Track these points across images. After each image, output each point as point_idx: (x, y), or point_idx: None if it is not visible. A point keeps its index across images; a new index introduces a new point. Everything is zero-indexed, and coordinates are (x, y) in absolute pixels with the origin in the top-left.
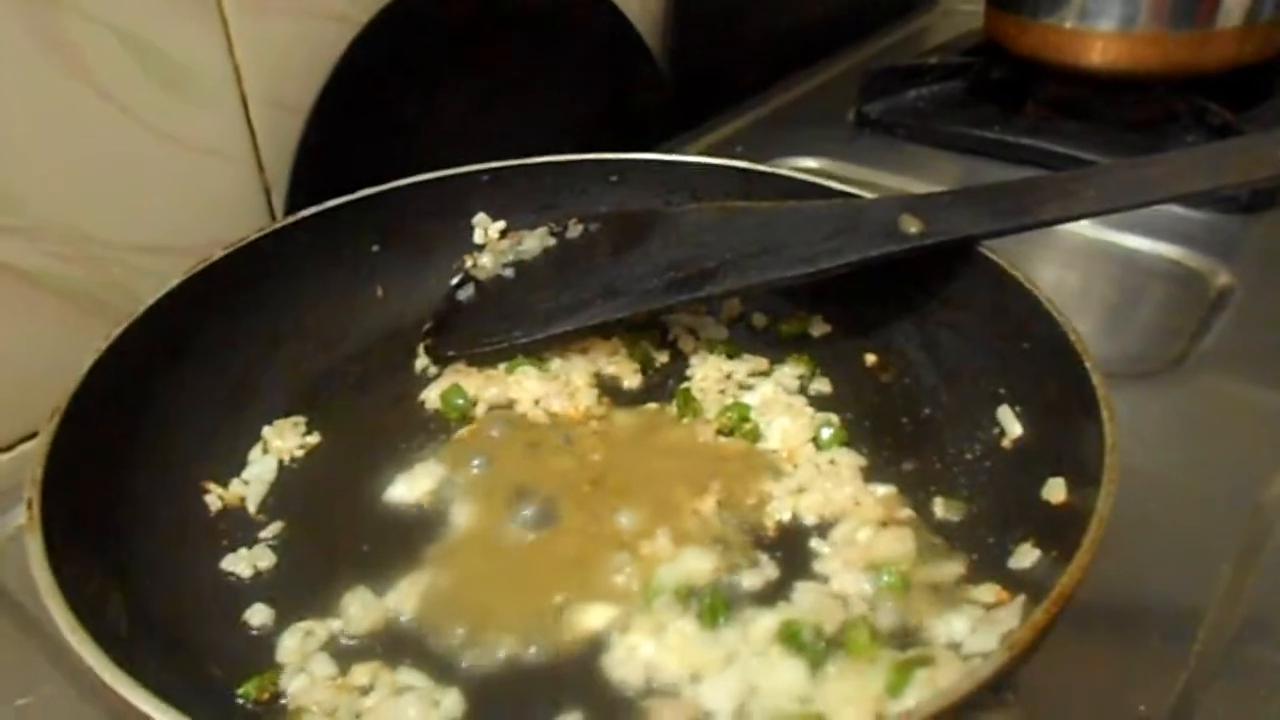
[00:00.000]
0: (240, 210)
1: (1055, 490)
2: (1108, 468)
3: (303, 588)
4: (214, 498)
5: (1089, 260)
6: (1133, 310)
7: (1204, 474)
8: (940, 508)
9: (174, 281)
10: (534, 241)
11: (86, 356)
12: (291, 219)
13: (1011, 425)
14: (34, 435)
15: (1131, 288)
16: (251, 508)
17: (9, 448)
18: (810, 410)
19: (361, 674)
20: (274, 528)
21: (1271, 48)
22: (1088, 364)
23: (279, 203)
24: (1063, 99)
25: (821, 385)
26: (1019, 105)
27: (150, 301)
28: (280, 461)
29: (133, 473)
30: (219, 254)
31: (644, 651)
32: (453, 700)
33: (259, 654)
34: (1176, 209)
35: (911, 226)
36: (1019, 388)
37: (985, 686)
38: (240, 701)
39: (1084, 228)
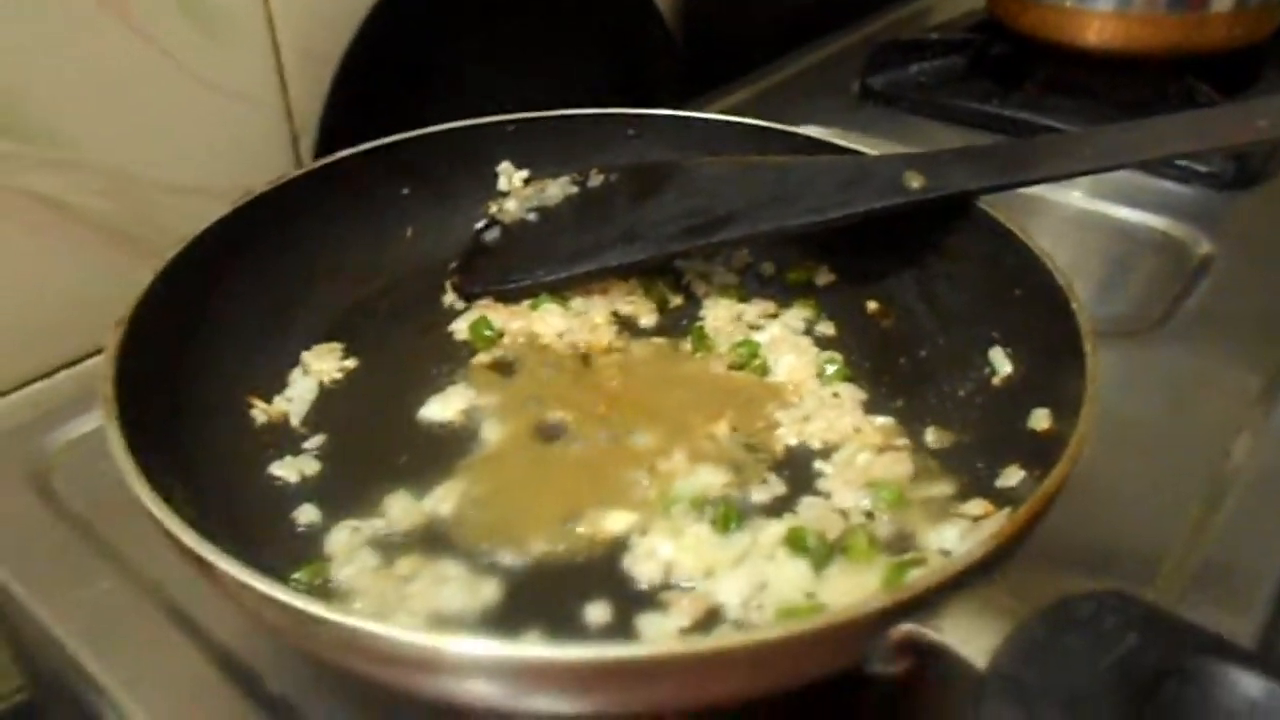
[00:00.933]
0: (268, 156)
1: (1040, 419)
2: (1089, 397)
3: (346, 491)
4: (259, 411)
5: (1080, 229)
6: (1120, 276)
7: (1178, 425)
8: (934, 437)
9: (220, 212)
10: (557, 189)
11: (114, 278)
12: (328, 159)
13: (1002, 364)
14: (70, 364)
15: (1119, 255)
16: (295, 421)
17: (49, 374)
18: (815, 349)
19: (405, 566)
20: (317, 439)
21: (1262, 32)
22: (1074, 305)
23: (306, 150)
24: (1059, 77)
25: (826, 328)
26: (1018, 82)
27: (201, 229)
28: (320, 383)
29: (184, 385)
30: (262, 188)
31: (662, 551)
32: (491, 589)
33: (309, 547)
34: (1164, 183)
35: (914, 181)
36: (1010, 331)
37: (975, 567)
38: (294, 585)
39: (1076, 199)
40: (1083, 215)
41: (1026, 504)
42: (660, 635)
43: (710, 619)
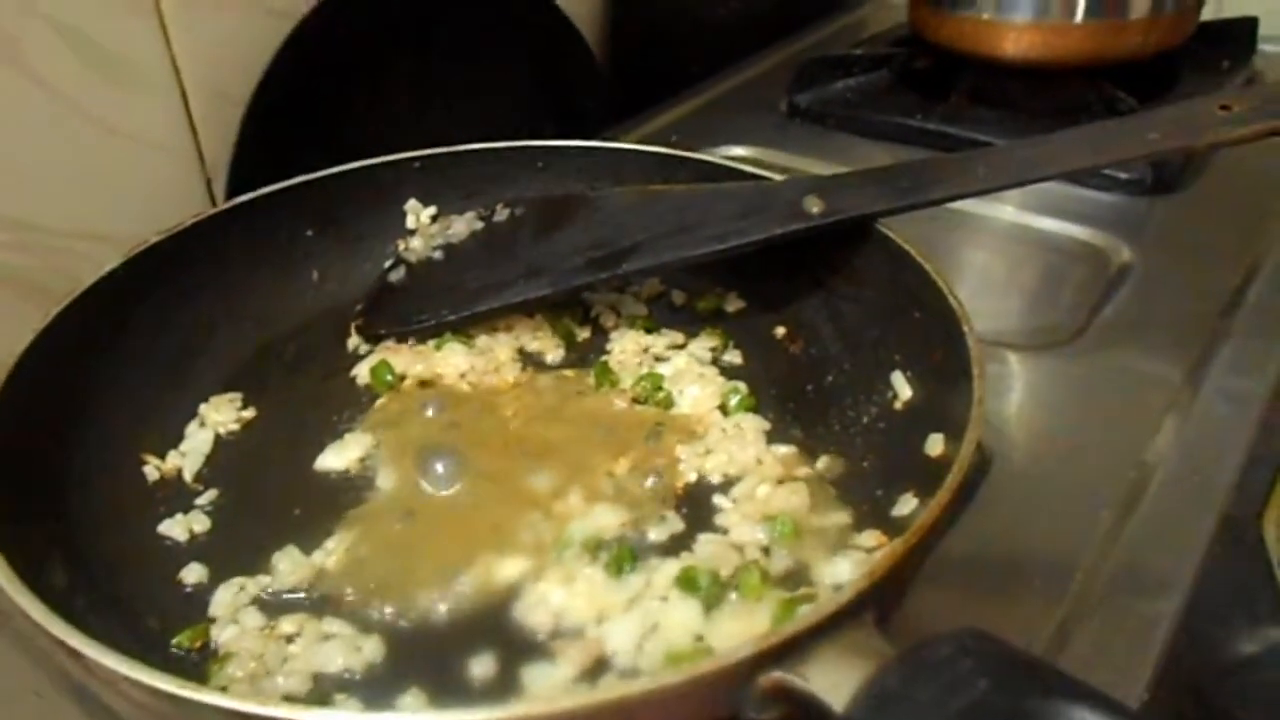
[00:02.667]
0: (181, 200)
1: (935, 445)
2: (973, 420)
3: (235, 548)
4: (152, 468)
5: (1011, 242)
6: (1046, 288)
7: (1094, 434)
8: (836, 465)
9: (113, 264)
10: (462, 225)
11: (25, 333)
12: (227, 205)
13: (903, 388)
14: None
15: (1046, 267)
16: (188, 477)
17: None
18: (720, 379)
19: (288, 624)
20: (209, 495)
21: (1178, 37)
22: (965, 328)
23: (220, 192)
24: (982, 88)
25: (733, 356)
26: (942, 94)
27: (90, 282)
28: (217, 435)
29: (72, 444)
30: (155, 238)
31: (553, 598)
32: (373, 646)
33: (193, 609)
34: (1088, 192)
35: (814, 206)
36: (910, 354)
37: (844, 610)
38: (174, 650)
39: (1007, 213)
40: (1013, 228)
41: (904, 536)
42: (546, 687)
43: (599, 667)
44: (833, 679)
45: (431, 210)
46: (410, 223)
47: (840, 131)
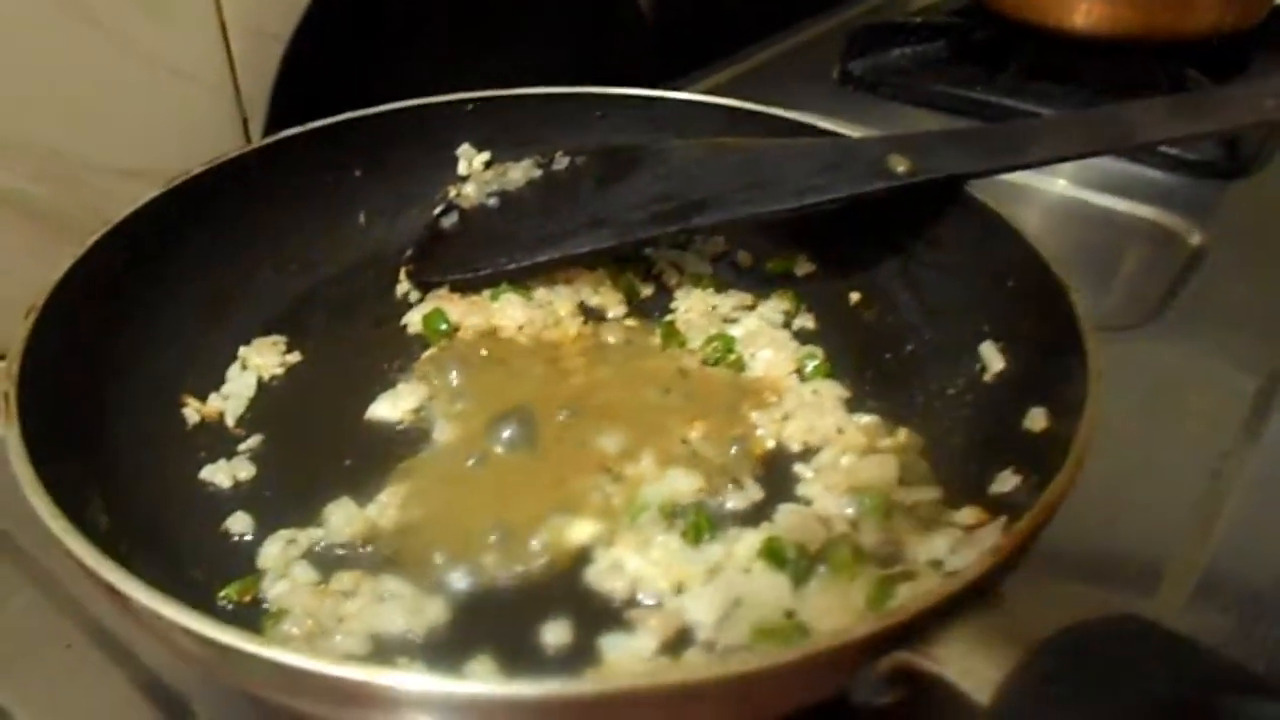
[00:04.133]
0: (216, 138)
1: (1036, 419)
2: (1091, 398)
3: (283, 498)
4: (192, 411)
5: (1064, 218)
6: (1108, 267)
7: (1172, 425)
8: (919, 439)
9: (153, 193)
10: (519, 173)
11: (64, 260)
12: (273, 138)
13: (993, 360)
14: None
15: (1106, 245)
16: (230, 421)
17: None
18: (794, 344)
19: (343, 581)
20: (253, 441)
21: (1252, 18)
22: (1073, 298)
23: (256, 131)
24: (1044, 61)
25: (805, 321)
26: (1002, 67)
27: (129, 211)
28: (260, 378)
29: (109, 381)
30: (199, 168)
31: (629, 564)
32: (436, 608)
33: (239, 560)
34: (1150, 171)
35: (900, 165)
36: (1002, 324)
37: (973, 588)
38: (221, 602)
39: (1065, 187)
40: (1067, 203)
41: (1028, 515)
42: (626, 658)
43: (680, 639)
44: (967, 664)
45: (485, 156)
46: (462, 168)
47: (894, 101)
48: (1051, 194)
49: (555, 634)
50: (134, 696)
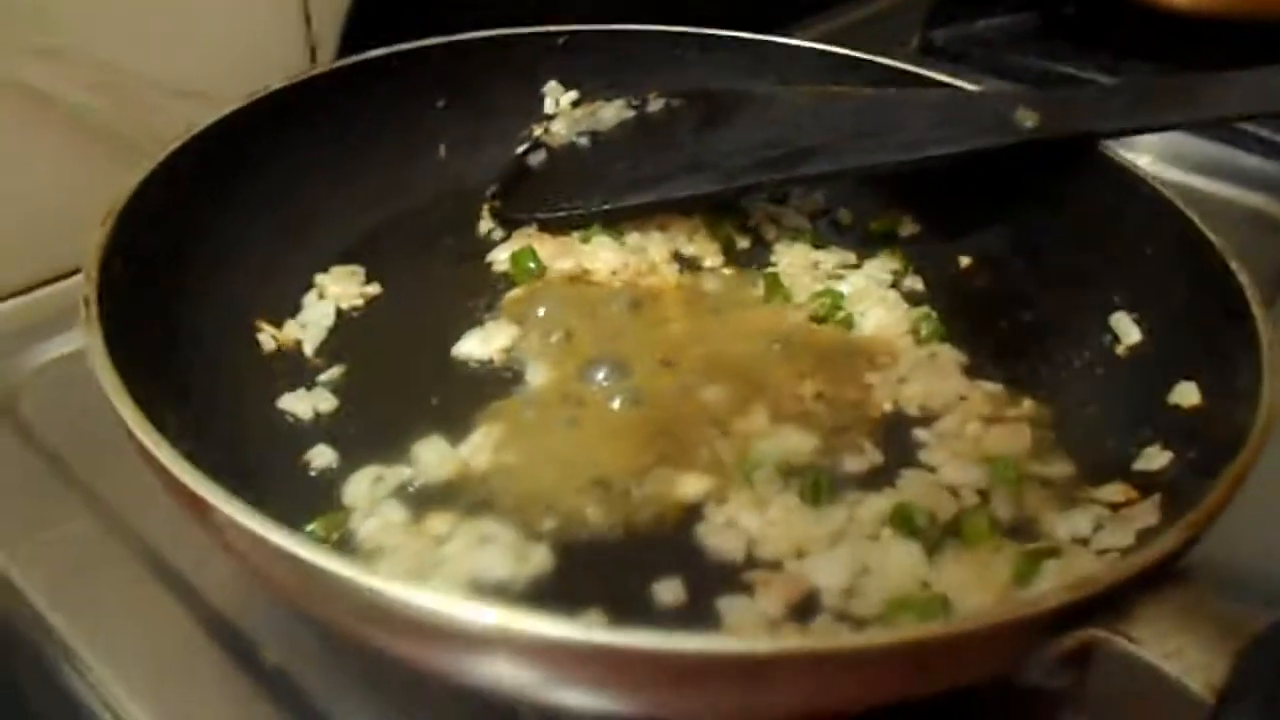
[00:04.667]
0: (280, 63)
1: (1186, 394)
2: (1268, 365)
3: (368, 433)
4: (267, 337)
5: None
6: None
7: None
8: (1044, 411)
9: (230, 108)
10: (611, 113)
11: (142, 167)
12: (353, 59)
13: (1128, 332)
14: (49, 281)
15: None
16: (309, 350)
17: (24, 290)
18: (905, 305)
19: (438, 523)
20: (333, 372)
21: None
22: (1232, 264)
23: (324, 61)
24: (1141, 38)
25: (914, 283)
26: (1094, 42)
27: (205, 124)
28: (338, 308)
29: (182, 300)
30: (278, 84)
31: (745, 523)
32: (541, 556)
33: (323, 496)
34: (1240, 153)
35: (1028, 120)
36: (1138, 294)
37: (1169, 560)
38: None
39: (1161, 171)
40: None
41: (1219, 488)
42: (748, 623)
43: (805, 606)
44: (1174, 645)
45: (573, 95)
46: (549, 106)
47: (977, 73)
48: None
49: (669, 593)
50: (197, 634)
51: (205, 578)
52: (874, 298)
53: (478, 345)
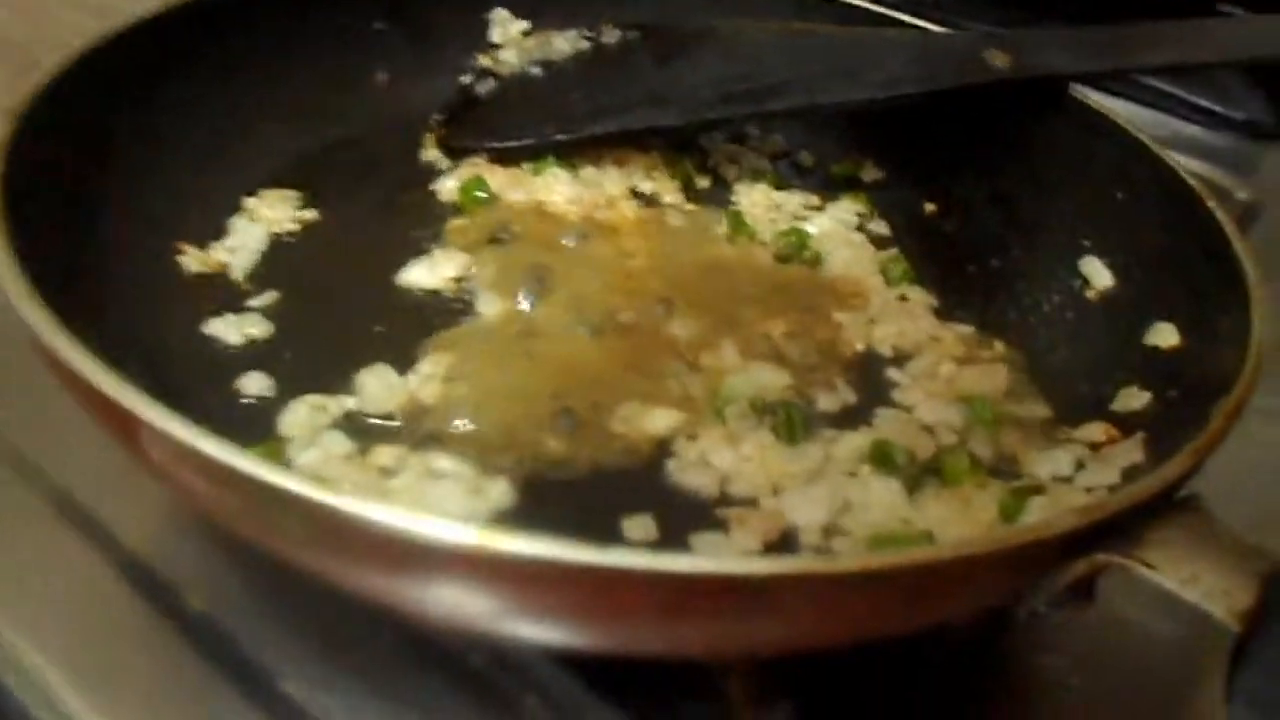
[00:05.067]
0: None
1: (1164, 335)
2: (1256, 300)
3: (307, 360)
4: (190, 259)
5: None
6: None
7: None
8: (1020, 354)
9: (144, 13)
10: (564, 43)
11: (46, 70)
12: None
13: (1099, 275)
14: None
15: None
16: (238, 275)
17: None
18: (871, 247)
19: (385, 455)
20: (266, 297)
21: None
22: (1210, 204)
23: None
24: (1086, 6)
25: (879, 227)
26: (1046, 8)
27: (118, 27)
28: (270, 233)
29: (96, 213)
30: None
31: (717, 459)
32: (500, 490)
33: (257, 425)
34: (1196, 130)
35: (999, 60)
36: (1109, 238)
37: (1178, 484)
38: None
39: None
40: None
41: (1219, 416)
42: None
43: (783, 542)
44: (1190, 571)
45: (523, 25)
46: (496, 35)
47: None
48: None
49: (640, 529)
50: (114, 581)
51: (123, 521)
52: (840, 239)
53: (424, 273)
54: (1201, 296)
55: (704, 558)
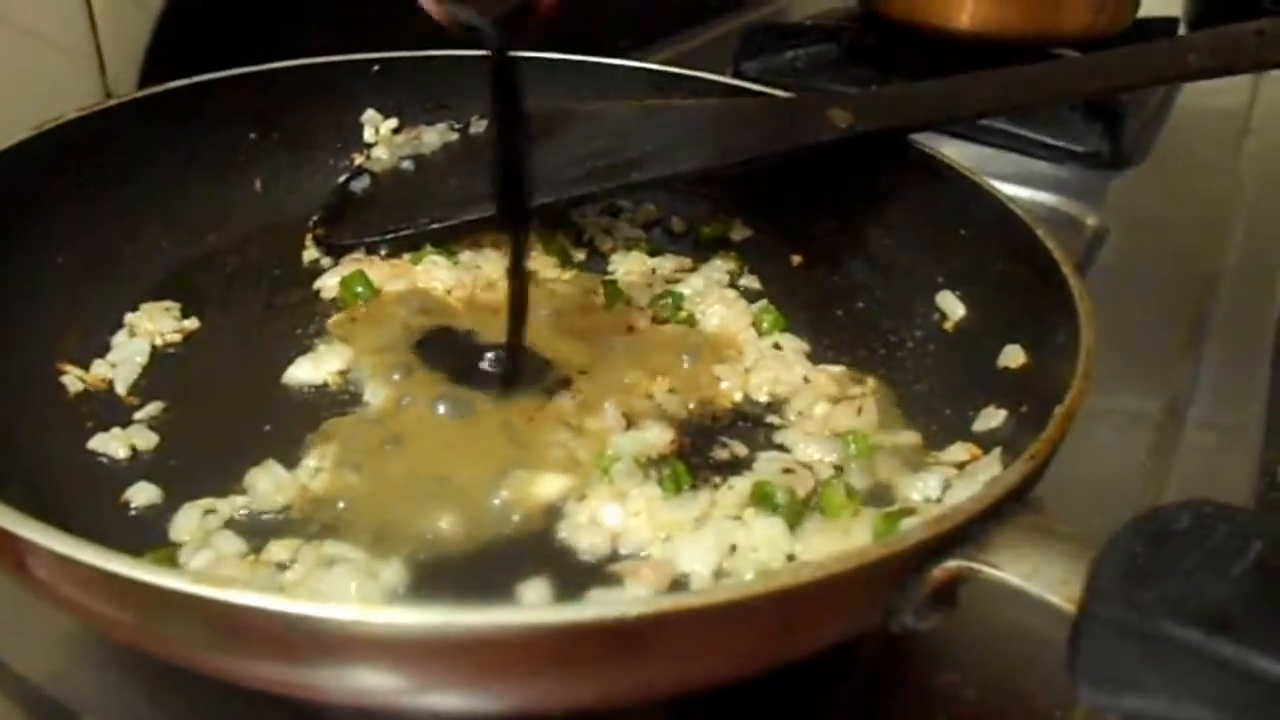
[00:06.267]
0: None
1: (1013, 356)
2: (1084, 313)
3: (195, 466)
4: (72, 379)
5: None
6: None
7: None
8: (889, 388)
9: (19, 136)
10: (434, 136)
11: None
12: (157, 88)
13: (953, 308)
14: None
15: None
16: (121, 389)
17: None
18: (743, 302)
19: (279, 550)
20: (151, 408)
21: (1120, 23)
22: (1039, 231)
23: None
24: (932, 62)
25: (750, 281)
26: (891, 68)
27: None
28: (152, 345)
29: None
30: (72, 114)
31: (606, 517)
32: (394, 571)
33: (147, 535)
34: (1040, 164)
35: (841, 120)
36: (959, 272)
37: (1016, 491)
38: None
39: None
40: None
41: (1055, 423)
42: None
43: (675, 590)
44: (1031, 565)
45: (392, 123)
46: (368, 135)
47: None
48: None
49: (534, 592)
50: (13, 713)
51: (13, 649)
52: (714, 296)
53: (310, 370)
54: (1040, 317)
55: (588, 604)
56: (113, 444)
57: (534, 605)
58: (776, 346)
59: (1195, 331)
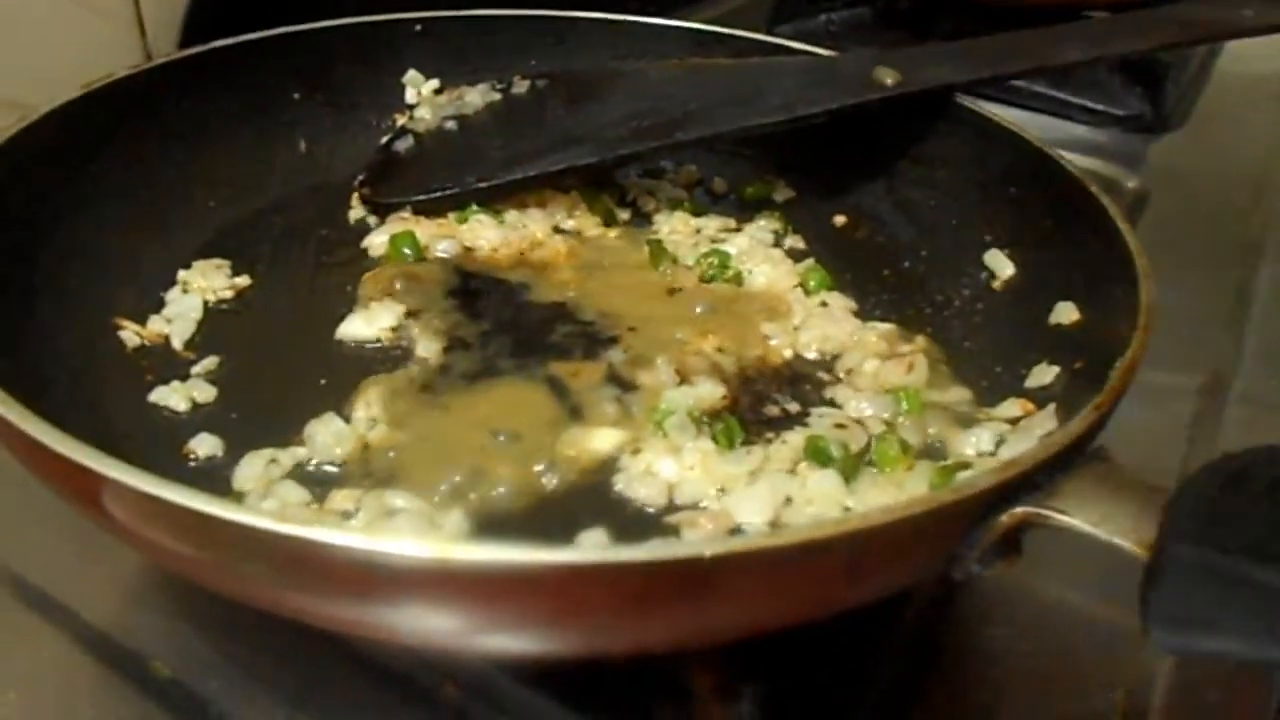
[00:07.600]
0: None
1: (1065, 313)
2: (1141, 270)
3: (254, 419)
4: (130, 334)
5: None
6: None
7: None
8: (938, 346)
9: (68, 96)
10: (476, 97)
11: None
12: (202, 48)
13: (1002, 267)
14: None
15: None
16: (177, 344)
17: None
18: (789, 261)
19: (341, 499)
20: (208, 362)
21: None
22: (1092, 188)
23: None
24: (969, 27)
25: (795, 242)
26: (927, 32)
27: (43, 111)
28: (206, 302)
29: (32, 294)
30: (122, 72)
31: (662, 470)
32: (455, 520)
33: (212, 484)
34: (1085, 129)
35: (887, 78)
36: (1008, 231)
37: (1084, 439)
38: None
39: None
40: None
41: (1117, 375)
42: None
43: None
44: (1099, 511)
45: (434, 84)
46: (410, 96)
47: None
48: None
49: (594, 542)
50: (81, 656)
51: (80, 598)
52: (759, 256)
53: (362, 326)
54: (1095, 274)
55: (658, 545)
56: (172, 397)
57: (608, 545)
58: (824, 305)
59: (1239, 299)
